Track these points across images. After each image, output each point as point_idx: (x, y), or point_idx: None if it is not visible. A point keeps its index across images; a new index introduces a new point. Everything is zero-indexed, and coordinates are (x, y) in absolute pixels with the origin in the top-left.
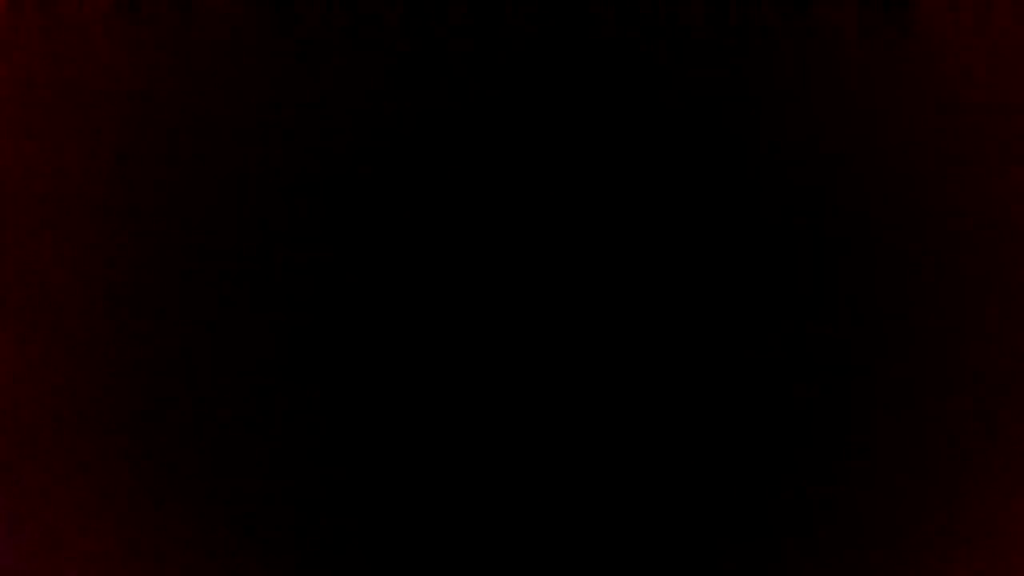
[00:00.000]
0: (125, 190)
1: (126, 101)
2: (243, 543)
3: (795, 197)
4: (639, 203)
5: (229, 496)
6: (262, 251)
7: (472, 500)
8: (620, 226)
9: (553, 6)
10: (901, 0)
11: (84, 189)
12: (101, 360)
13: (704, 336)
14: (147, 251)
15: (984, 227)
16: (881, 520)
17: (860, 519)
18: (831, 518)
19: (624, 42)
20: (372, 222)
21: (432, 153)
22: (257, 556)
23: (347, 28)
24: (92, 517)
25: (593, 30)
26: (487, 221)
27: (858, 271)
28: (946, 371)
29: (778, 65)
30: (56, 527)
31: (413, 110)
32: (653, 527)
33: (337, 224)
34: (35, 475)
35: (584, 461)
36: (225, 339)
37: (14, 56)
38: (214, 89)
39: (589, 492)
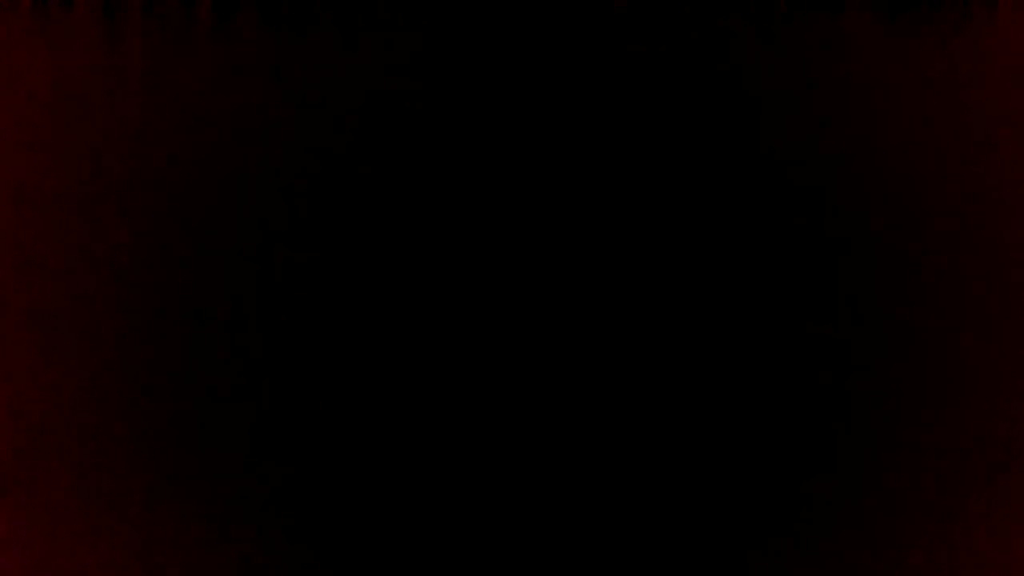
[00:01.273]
0: (127, 191)
1: (128, 104)
2: (248, 546)
3: (795, 197)
4: (639, 203)
5: (235, 496)
6: (263, 251)
7: (472, 500)
8: (620, 226)
9: (554, 8)
10: (906, 3)
11: (86, 191)
12: (104, 362)
13: (704, 335)
14: (148, 252)
15: (984, 227)
16: (880, 520)
17: (860, 519)
18: (831, 518)
19: (624, 43)
20: (372, 222)
21: (432, 154)
22: (264, 559)
23: (348, 30)
24: (101, 518)
25: (593, 32)
26: (487, 221)
27: (858, 271)
28: (946, 371)
29: (778, 65)
30: (64, 528)
31: (413, 111)
32: (653, 526)
33: (337, 224)
34: (41, 476)
35: (583, 462)
36: (227, 340)
37: (13, 58)
38: (215, 92)
39: (589, 493)
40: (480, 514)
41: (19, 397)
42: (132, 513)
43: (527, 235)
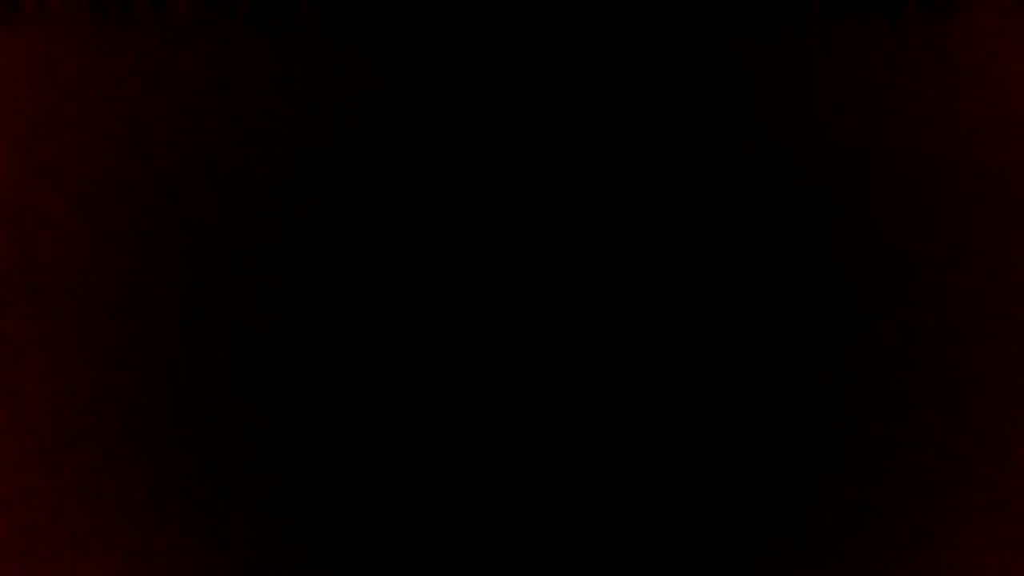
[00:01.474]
0: (127, 191)
1: (125, 103)
2: (249, 546)
3: (795, 197)
4: (637, 204)
5: (236, 496)
6: (263, 251)
7: (471, 504)
8: (618, 227)
9: (552, 6)
10: (905, 3)
11: (86, 191)
12: (104, 362)
13: (703, 336)
14: (148, 252)
15: (985, 228)
16: (881, 520)
17: (860, 519)
18: (831, 518)
19: (623, 42)
20: (372, 222)
21: (433, 154)
22: (265, 559)
23: (347, 30)
24: (101, 518)
25: (591, 30)
26: (488, 222)
27: (858, 271)
28: (946, 371)
29: (779, 65)
30: (64, 528)
31: (412, 111)
32: (653, 526)
33: (337, 224)
34: (41, 476)
35: (583, 461)
36: (227, 340)
37: (11, 58)
38: (215, 92)
39: (589, 492)
40: (480, 515)
41: (19, 397)
42: (132, 513)
43: (528, 235)
